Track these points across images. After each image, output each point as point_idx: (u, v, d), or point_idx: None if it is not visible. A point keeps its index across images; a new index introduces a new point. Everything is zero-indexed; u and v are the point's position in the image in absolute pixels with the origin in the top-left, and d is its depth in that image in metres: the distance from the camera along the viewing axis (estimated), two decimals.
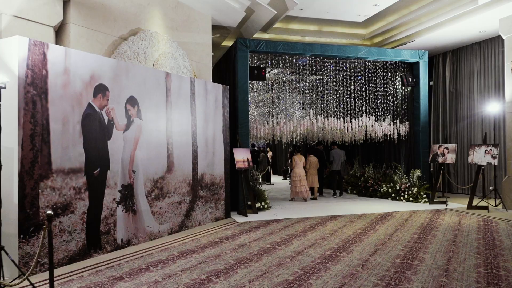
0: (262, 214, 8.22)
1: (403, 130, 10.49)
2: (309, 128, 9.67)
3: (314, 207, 9.19)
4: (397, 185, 10.18)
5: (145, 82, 5.92)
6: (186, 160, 6.79)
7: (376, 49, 9.80)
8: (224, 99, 7.88)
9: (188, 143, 6.85)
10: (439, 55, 12.20)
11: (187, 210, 6.79)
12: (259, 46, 8.82)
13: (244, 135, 8.71)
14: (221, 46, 10.94)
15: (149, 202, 5.94)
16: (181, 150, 6.67)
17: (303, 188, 10.01)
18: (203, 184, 7.22)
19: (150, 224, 5.96)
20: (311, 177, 10.40)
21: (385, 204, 9.60)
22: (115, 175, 5.36)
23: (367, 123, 10.22)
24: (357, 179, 11.89)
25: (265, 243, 5.70)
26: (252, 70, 9.03)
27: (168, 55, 6.95)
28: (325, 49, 9.35)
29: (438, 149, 9.66)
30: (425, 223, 7.05)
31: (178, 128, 6.59)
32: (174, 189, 6.47)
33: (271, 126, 9.48)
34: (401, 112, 10.67)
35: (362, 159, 12.61)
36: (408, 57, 10.06)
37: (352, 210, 8.64)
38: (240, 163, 8.23)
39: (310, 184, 10.40)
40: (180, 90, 6.67)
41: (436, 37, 10.43)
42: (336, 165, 11.18)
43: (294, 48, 9.10)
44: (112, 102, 5.35)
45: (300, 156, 10.30)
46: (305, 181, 10.08)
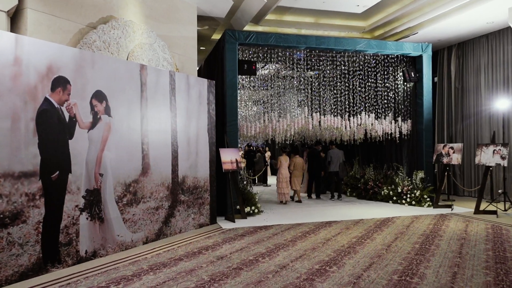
0: (251, 220, 7.67)
1: (405, 129, 9.89)
2: (304, 126, 9.09)
3: (309, 212, 8.62)
4: (398, 187, 9.60)
5: (115, 75, 5.38)
6: (165, 162, 6.24)
7: (376, 42, 9.21)
8: (210, 95, 7.33)
9: (167, 142, 6.30)
10: (444, 49, 11.60)
11: (166, 217, 6.24)
12: (249, 38, 8.26)
13: (233, 134, 8.15)
14: (211, 40, 10.39)
15: (119, 208, 5.40)
16: (159, 151, 6.13)
17: (286, 190, 9.68)
18: (184, 188, 6.67)
19: (121, 233, 5.41)
20: (294, 179, 10.06)
21: (386, 208, 9.02)
22: (78, 179, 4.82)
23: (366, 121, 9.63)
24: (356, 180, 11.32)
25: (248, 254, 5.14)
26: (242, 64, 8.46)
27: (146, 47, 6.41)
28: (321, 41, 8.77)
29: (443, 149, 9.07)
30: (428, 231, 6.46)
31: (155, 126, 6.05)
32: (150, 194, 5.92)
33: (263, 125, 8.91)
34: (403, 109, 10.07)
35: (362, 159, 12.02)
36: (411, 50, 9.46)
37: (349, 215, 8.07)
38: (228, 165, 7.68)
39: (293, 187, 10.11)
40: (157, 84, 6.12)
41: (440, 29, 9.83)
42: (334, 166, 10.61)
43: (287, 40, 8.53)
44: (75, 96, 4.80)
45: (286, 157, 9.96)
46: (288, 183, 9.76)
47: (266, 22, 9.77)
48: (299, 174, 10.12)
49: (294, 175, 10.06)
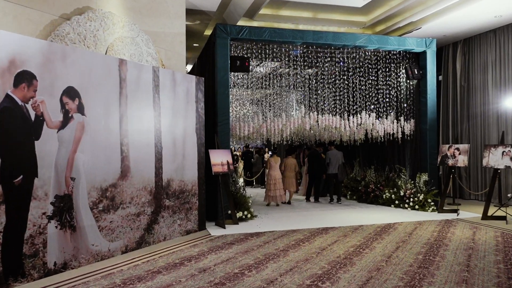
0: (243, 226, 7.23)
1: (408, 129, 9.43)
2: (301, 126, 8.65)
3: (306, 217, 8.18)
4: (401, 190, 9.14)
5: (90, 70, 4.96)
6: (147, 164, 5.82)
7: (376, 37, 8.76)
8: (198, 93, 6.90)
9: (149, 143, 5.88)
10: (449, 45, 11.13)
11: (148, 223, 5.81)
12: (242, 32, 7.83)
13: (224, 134, 7.73)
14: (204, 36, 9.98)
15: (95, 215, 4.98)
16: (141, 152, 5.70)
17: (277, 192, 9.46)
18: (169, 192, 6.24)
19: (96, 242, 4.99)
20: (287, 180, 9.92)
21: (387, 212, 8.56)
22: (45, 183, 4.40)
23: (367, 121, 9.17)
24: (357, 183, 10.86)
25: (234, 266, 4.71)
26: (234, 60, 8.03)
27: (127, 40, 5.99)
28: (319, 36, 8.32)
29: (448, 150, 8.60)
30: (432, 239, 6.01)
31: (136, 126, 5.62)
32: (130, 199, 5.50)
33: (257, 124, 8.47)
34: (405, 108, 9.60)
35: (363, 161, 11.56)
36: (414, 45, 9.00)
37: (348, 221, 7.62)
38: (218, 167, 7.25)
39: (286, 188, 9.92)
40: (139, 81, 5.70)
41: (445, 24, 9.37)
42: (333, 168, 10.16)
43: (282, 35, 8.09)
44: (42, 93, 4.39)
45: (277, 158, 9.79)
46: (280, 184, 9.55)
47: (261, 17, 9.34)
48: (291, 175, 9.98)
49: (285, 176, 9.89)
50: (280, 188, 9.53)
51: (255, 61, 9.17)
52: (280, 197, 9.57)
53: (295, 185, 10.13)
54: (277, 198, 9.53)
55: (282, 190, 9.59)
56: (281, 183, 9.57)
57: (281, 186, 9.57)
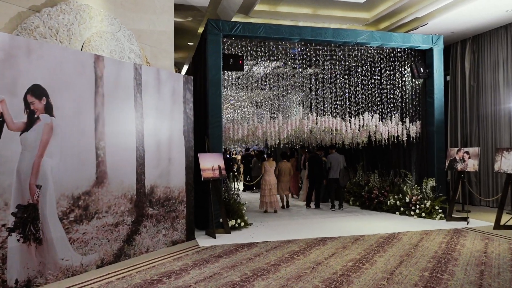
0: (236, 235, 6.76)
1: (413, 131, 8.90)
2: (299, 128, 8.17)
3: (304, 225, 7.68)
4: (406, 197, 8.60)
5: (60, 67, 4.53)
6: (127, 169, 5.37)
7: (379, 33, 8.26)
8: (186, 93, 6.45)
9: (130, 147, 5.44)
10: (457, 43, 10.59)
11: (129, 234, 5.36)
12: (235, 29, 7.39)
13: (216, 137, 7.26)
14: (199, 34, 9.54)
15: (65, 226, 4.53)
16: (119, 157, 5.26)
17: (273, 198, 9.12)
18: (153, 200, 5.79)
19: (66, 255, 4.55)
20: (282, 185, 9.76)
21: (392, 220, 8.04)
22: (5, 191, 3.97)
23: (369, 123, 8.66)
24: (360, 188, 10.34)
25: (217, 284, 4.23)
26: (227, 58, 7.58)
27: (107, 36, 5.57)
28: (317, 33, 7.85)
29: (457, 153, 8.06)
30: (440, 252, 5.48)
31: (114, 128, 5.18)
32: (107, 208, 5.06)
33: (252, 126, 8.00)
34: (411, 109, 9.08)
35: (367, 165, 11.03)
36: (419, 42, 8.49)
37: (349, 230, 7.11)
38: (208, 172, 6.78)
39: (281, 192, 9.78)
40: (118, 79, 5.27)
41: (453, 20, 8.85)
42: (334, 173, 9.66)
43: (278, 31, 7.63)
44: (3, 92, 3.97)
45: (272, 162, 9.37)
46: (275, 190, 9.23)
47: (257, 13, 8.89)
48: (285, 179, 9.81)
49: (280, 180, 9.69)
50: (275, 194, 9.19)
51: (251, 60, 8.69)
52: (276, 203, 9.20)
53: (288, 189, 9.95)
54: (272, 204, 9.16)
55: (277, 196, 9.27)
56: (276, 189, 9.23)
57: (276, 192, 9.24)
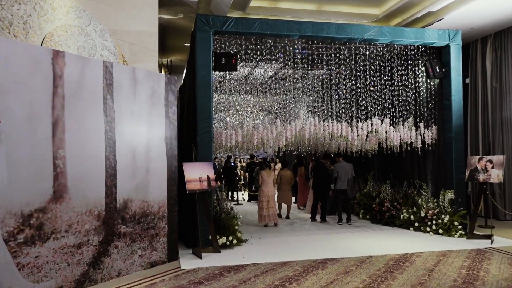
0: (226, 255, 6.03)
1: (429, 137, 8.06)
2: (299, 134, 7.43)
3: (305, 242, 6.90)
4: (421, 210, 7.75)
5: (7, 63, 3.93)
6: (94, 182, 4.72)
7: (389, 29, 7.49)
8: (169, 95, 5.80)
9: (98, 156, 4.79)
10: (477, 41, 9.73)
11: (95, 256, 4.69)
12: (227, 24, 6.73)
13: (205, 144, 6.57)
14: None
15: (11, 249, 3.89)
16: (84, 167, 4.62)
17: (271, 211, 8.46)
18: (127, 216, 5.12)
19: (13, 283, 3.90)
20: (283, 194, 9.35)
21: (405, 237, 7.20)
22: None
23: (379, 128, 7.86)
24: (371, 200, 9.51)
25: None
26: (219, 57, 6.92)
27: (74, 30, 4.97)
28: (319, 29, 7.13)
29: (478, 162, 7.19)
30: (460, 280, 4.65)
31: (77, 134, 4.55)
32: (67, 226, 4.40)
33: (247, 132, 7.30)
34: (426, 113, 8.24)
35: (378, 174, 10.19)
36: (434, 38, 7.69)
37: (355, 249, 6.31)
38: (194, 184, 6.09)
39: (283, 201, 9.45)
40: (83, 78, 4.64)
41: (472, 14, 8.03)
42: (341, 183, 8.86)
43: (275, 27, 6.94)
44: None
45: (269, 172, 8.79)
46: (274, 202, 8.61)
47: (254, 10, 8.23)
48: (287, 188, 9.38)
49: (281, 189, 9.32)
50: (274, 206, 8.54)
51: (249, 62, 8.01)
52: (274, 216, 8.54)
53: (291, 199, 9.55)
54: (271, 218, 8.51)
55: (276, 208, 8.68)
56: (274, 201, 8.60)
57: (275, 204, 8.64)
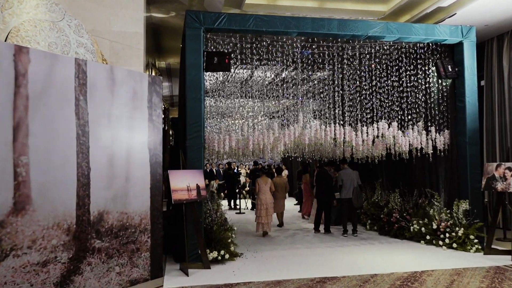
0: (215, 272, 5.54)
1: (441, 142, 7.48)
2: (299, 140, 6.93)
3: (304, 258, 6.36)
4: (433, 222, 7.16)
5: None
6: (63, 192, 4.28)
7: (396, 25, 6.98)
8: (153, 96, 5.36)
9: (68, 163, 4.35)
10: (493, 39, 9.11)
11: (64, 275, 4.24)
12: (219, 21, 6.30)
13: (195, 150, 6.12)
14: None
15: None
16: (51, 176, 4.18)
17: (270, 219, 8.27)
18: (102, 229, 4.66)
19: None
20: (278, 201, 9.10)
21: (415, 252, 6.61)
22: None
23: (386, 133, 7.31)
24: (379, 209, 8.92)
25: None
26: (211, 56, 6.49)
27: (44, 25, 4.57)
28: (319, 25, 6.65)
29: (496, 170, 6.58)
30: None
31: (43, 139, 4.12)
32: (30, 242, 3.96)
33: (242, 137, 6.83)
34: (437, 115, 7.67)
35: (387, 182, 9.60)
36: (446, 35, 7.14)
37: (359, 266, 5.75)
38: (181, 193, 5.63)
39: (276, 210, 9.18)
40: (51, 77, 4.22)
41: (487, 9, 7.44)
42: (347, 192, 8.32)
43: (271, 24, 6.48)
44: None
45: (266, 179, 8.49)
46: (272, 209, 8.39)
47: (251, 7, 7.77)
48: (281, 196, 9.27)
49: (277, 197, 9.03)
50: (272, 214, 8.35)
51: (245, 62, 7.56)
52: (269, 225, 8.32)
53: (284, 206, 9.51)
54: (269, 226, 8.30)
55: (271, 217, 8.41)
56: (272, 208, 8.39)
57: (272, 212, 8.42)
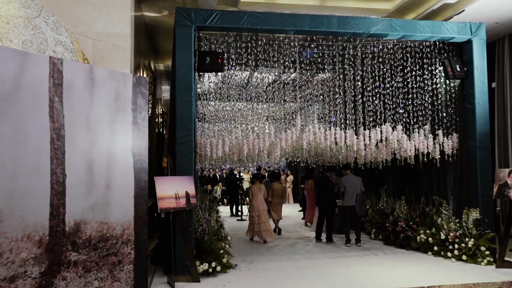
0: (205, 285, 5.20)
1: (449, 146, 7.06)
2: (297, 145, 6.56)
3: (302, 271, 5.99)
4: (441, 232, 6.75)
5: None
6: (34, 201, 3.97)
7: (400, 22, 6.62)
8: (138, 98, 5.04)
9: (40, 170, 4.04)
10: (504, 37, 8.65)
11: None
12: (211, 19, 5.99)
13: (185, 155, 5.79)
14: None
15: None
16: (21, 183, 3.87)
17: (262, 226, 8.08)
18: (79, 241, 4.34)
19: None
20: (274, 207, 9.11)
21: (421, 264, 6.20)
22: None
23: (390, 136, 6.92)
24: (384, 218, 8.51)
25: None
26: (203, 56, 6.18)
27: (18, 21, 4.31)
28: (318, 22, 6.31)
29: (509, 176, 6.15)
30: None
31: (11, 145, 3.82)
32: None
33: (237, 142, 6.48)
34: (445, 118, 7.26)
35: (392, 189, 9.18)
36: (454, 32, 6.75)
37: (360, 281, 5.37)
38: (168, 201, 5.29)
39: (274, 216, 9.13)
40: (21, 77, 3.93)
41: (497, 4, 7.00)
42: (349, 199, 7.93)
43: (267, 21, 6.16)
44: None
45: (259, 186, 8.41)
46: (266, 217, 8.20)
47: (248, 6, 7.41)
48: (278, 201, 9.17)
49: (273, 202, 9.06)
50: (266, 221, 8.13)
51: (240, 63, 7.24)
52: (266, 232, 8.11)
53: (281, 213, 9.36)
54: (262, 234, 8.10)
55: (268, 224, 8.19)
56: (266, 216, 8.23)
57: (267, 219, 8.21)
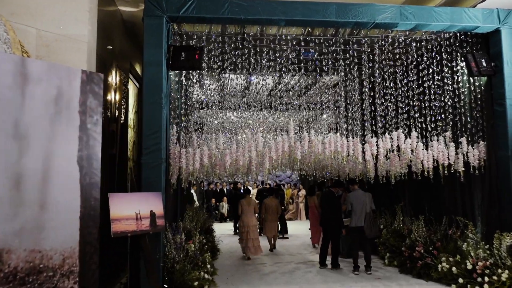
0: None
1: (475, 157, 6.00)
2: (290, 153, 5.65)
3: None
4: (468, 261, 5.66)
5: None
6: None
7: (413, 9, 5.66)
8: (88, 98, 4.27)
9: None
10: None
11: None
12: (186, 8, 5.23)
13: (153, 167, 4.97)
14: None
15: None
16: None
17: (249, 243, 7.95)
18: (1, 274, 3.54)
19: None
20: (268, 224, 8.84)
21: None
22: None
23: (402, 145, 5.92)
24: (400, 240, 7.42)
25: None
26: (178, 51, 5.40)
27: None
28: (313, 10, 5.44)
29: None
30: None
31: None
32: None
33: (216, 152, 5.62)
34: (469, 123, 6.20)
35: (409, 207, 8.08)
36: (478, 21, 5.77)
37: None
38: (126, 223, 4.43)
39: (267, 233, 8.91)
40: None
41: None
42: (358, 219, 6.92)
43: (251, 10, 5.33)
44: None
45: (250, 200, 8.34)
46: (255, 233, 8.08)
47: None
48: (273, 218, 8.87)
49: (266, 219, 8.83)
50: (255, 238, 8.01)
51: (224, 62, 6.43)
52: (254, 249, 7.99)
53: (276, 230, 9.04)
54: (250, 250, 7.98)
55: (258, 241, 8.07)
56: (255, 232, 8.10)
57: (256, 236, 8.08)
